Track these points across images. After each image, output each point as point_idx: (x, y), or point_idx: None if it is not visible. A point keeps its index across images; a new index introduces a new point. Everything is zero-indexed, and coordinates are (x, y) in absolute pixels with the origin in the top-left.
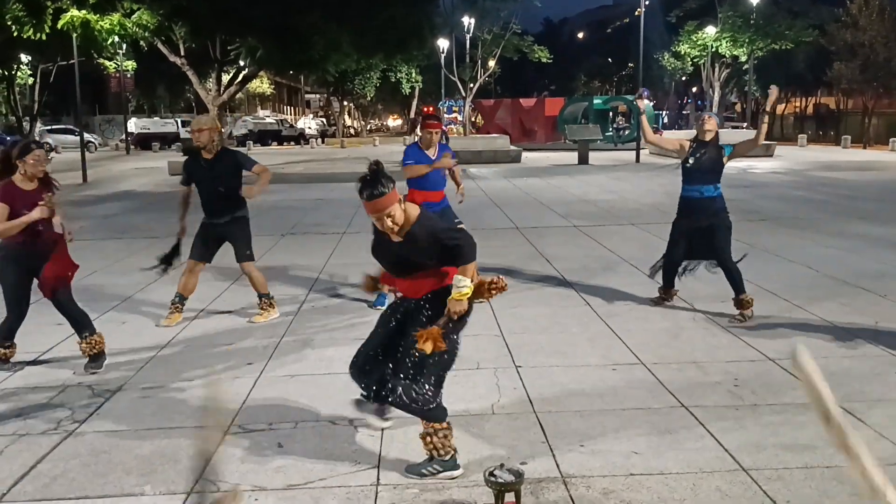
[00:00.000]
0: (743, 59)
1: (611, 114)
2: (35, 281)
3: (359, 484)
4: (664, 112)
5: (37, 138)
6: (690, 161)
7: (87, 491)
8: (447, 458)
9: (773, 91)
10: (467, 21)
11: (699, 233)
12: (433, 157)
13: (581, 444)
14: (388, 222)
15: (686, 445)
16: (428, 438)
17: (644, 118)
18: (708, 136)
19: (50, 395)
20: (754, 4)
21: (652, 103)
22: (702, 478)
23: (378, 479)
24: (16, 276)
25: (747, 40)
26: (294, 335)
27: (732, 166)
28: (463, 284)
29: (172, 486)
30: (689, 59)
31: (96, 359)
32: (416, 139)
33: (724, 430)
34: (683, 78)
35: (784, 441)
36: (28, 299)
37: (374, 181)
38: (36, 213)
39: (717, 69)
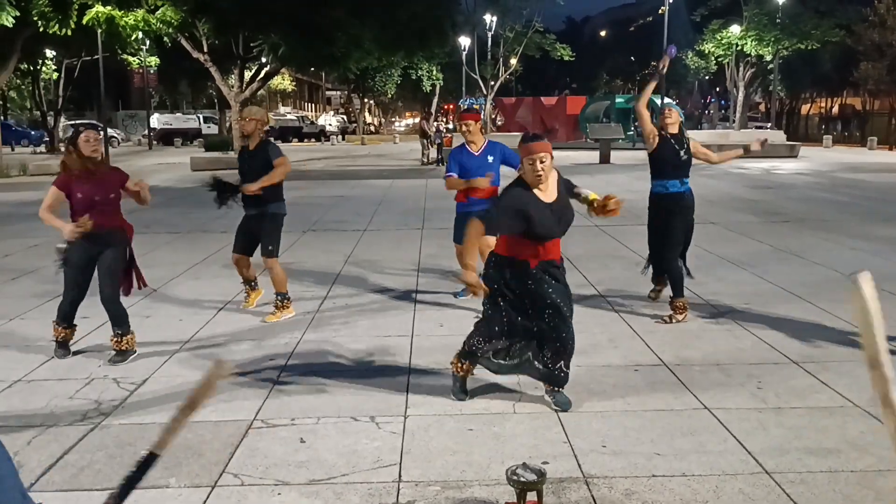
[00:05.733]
0: (768, 58)
1: (633, 113)
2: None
3: (380, 480)
4: (686, 112)
5: (60, 133)
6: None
7: (114, 482)
8: None
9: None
10: (489, 18)
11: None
12: (479, 155)
13: (603, 445)
14: (541, 166)
15: (709, 447)
16: None
17: (649, 90)
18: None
19: (77, 388)
20: (780, 3)
21: (675, 102)
22: (725, 480)
23: (400, 475)
24: (77, 258)
25: (773, 39)
26: (316, 331)
27: (756, 167)
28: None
29: (197, 479)
30: (713, 59)
31: (123, 354)
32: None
33: (747, 432)
34: (707, 77)
35: (808, 445)
36: (86, 285)
37: (536, 134)
38: (66, 231)
39: (741, 69)
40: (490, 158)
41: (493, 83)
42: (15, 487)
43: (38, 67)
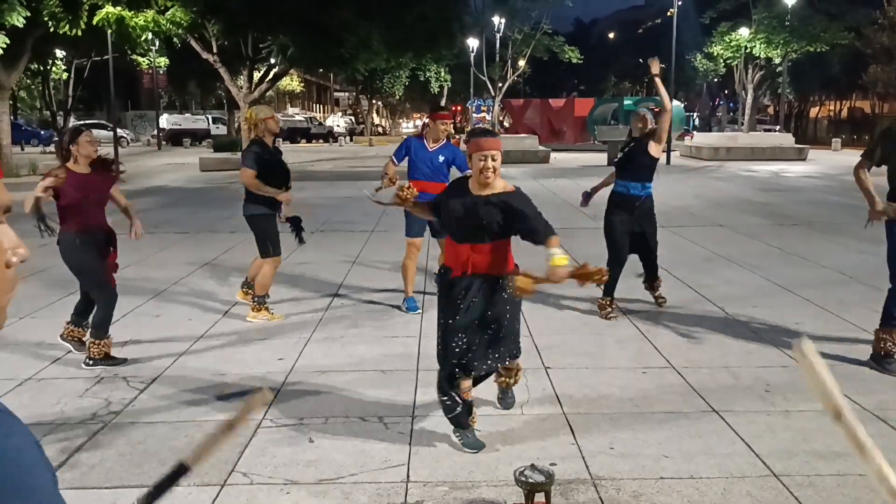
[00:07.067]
0: (777, 61)
1: None
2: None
3: (389, 480)
4: (695, 114)
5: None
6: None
7: (124, 480)
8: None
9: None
10: (498, 20)
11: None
12: (432, 151)
13: (611, 447)
14: (491, 163)
15: (717, 450)
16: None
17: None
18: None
19: (86, 386)
20: (789, 6)
21: (682, 105)
22: (733, 482)
23: (408, 475)
24: (94, 258)
25: (782, 42)
26: (324, 332)
27: (765, 170)
28: (560, 253)
29: (206, 477)
30: (721, 61)
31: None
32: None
33: (755, 435)
34: (716, 79)
35: (816, 448)
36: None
37: (487, 130)
38: (37, 190)
39: (750, 71)
40: (441, 158)
41: (501, 85)
42: None
43: (49, 67)
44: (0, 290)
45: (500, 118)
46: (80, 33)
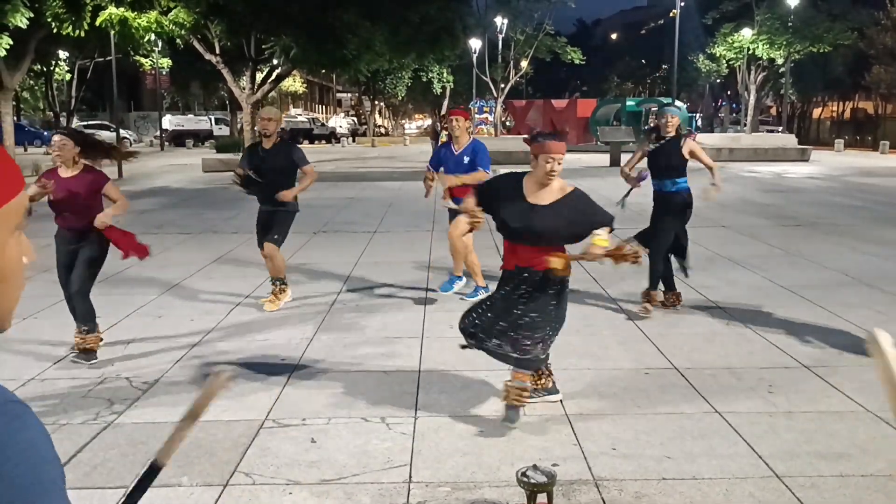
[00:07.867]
0: (779, 62)
1: (643, 115)
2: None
3: (391, 481)
4: (698, 115)
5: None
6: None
7: (126, 480)
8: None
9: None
10: (500, 21)
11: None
12: (457, 153)
13: (613, 448)
14: (556, 166)
15: (719, 451)
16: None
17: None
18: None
19: (89, 387)
20: (792, 7)
21: (685, 106)
22: (735, 484)
23: (410, 476)
24: (61, 257)
25: (784, 43)
26: (326, 332)
27: (768, 171)
28: (605, 235)
29: (208, 477)
30: (724, 62)
31: (87, 353)
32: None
33: (757, 436)
34: (718, 80)
35: (818, 449)
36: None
37: (553, 132)
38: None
39: (752, 72)
40: (466, 159)
41: (503, 86)
42: None
43: (52, 68)
44: (14, 290)
45: (503, 119)
46: (83, 34)
